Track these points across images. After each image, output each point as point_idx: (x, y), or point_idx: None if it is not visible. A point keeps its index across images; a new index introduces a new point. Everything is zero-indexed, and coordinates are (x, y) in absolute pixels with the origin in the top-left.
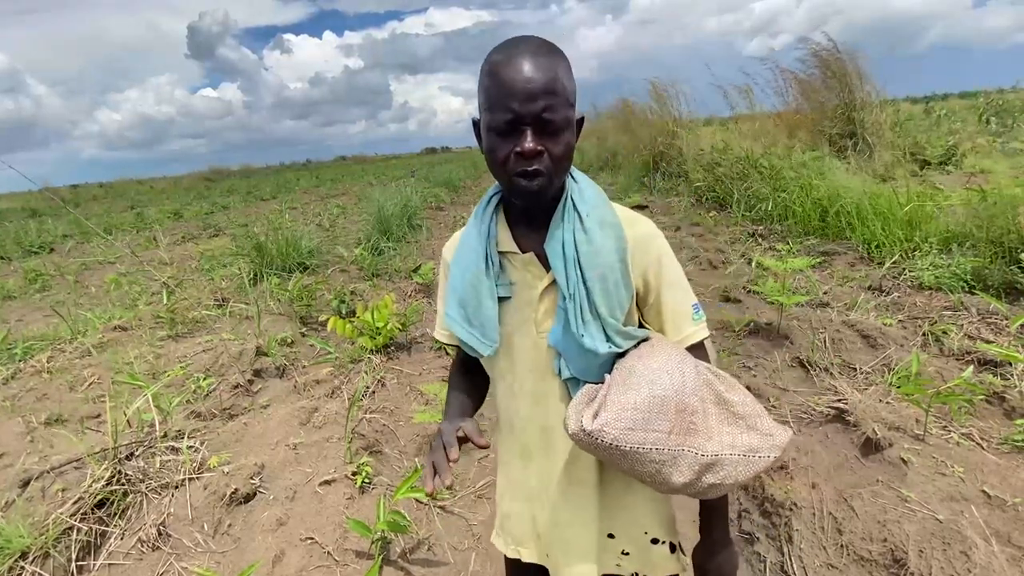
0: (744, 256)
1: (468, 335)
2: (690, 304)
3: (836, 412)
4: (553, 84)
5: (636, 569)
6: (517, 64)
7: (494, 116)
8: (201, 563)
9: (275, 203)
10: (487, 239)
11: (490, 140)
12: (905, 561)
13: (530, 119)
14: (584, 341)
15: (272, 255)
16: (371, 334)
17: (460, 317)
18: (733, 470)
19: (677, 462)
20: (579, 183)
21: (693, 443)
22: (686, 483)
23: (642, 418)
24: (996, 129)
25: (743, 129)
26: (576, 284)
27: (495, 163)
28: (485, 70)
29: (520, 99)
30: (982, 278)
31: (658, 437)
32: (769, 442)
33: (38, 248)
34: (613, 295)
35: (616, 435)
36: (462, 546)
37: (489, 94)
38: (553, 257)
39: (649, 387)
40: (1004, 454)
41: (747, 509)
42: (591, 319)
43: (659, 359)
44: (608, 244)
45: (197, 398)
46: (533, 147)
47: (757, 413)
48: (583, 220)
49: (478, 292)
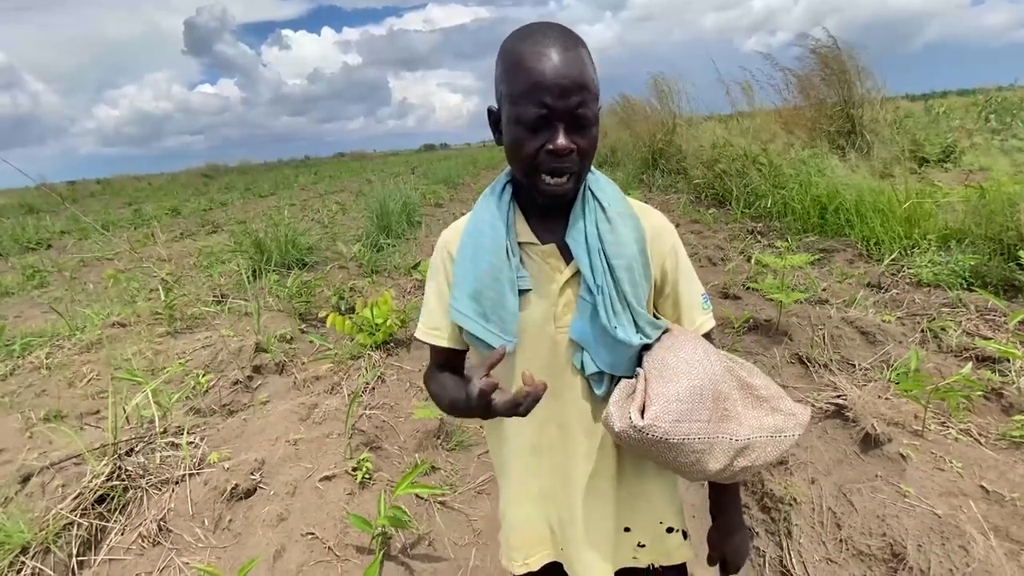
0: (743, 253)
1: (483, 331)
2: (700, 294)
3: (835, 408)
4: (585, 78)
5: (652, 560)
6: (549, 55)
7: (523, 109)
8: (202, 558)
9: (274, 200)
10: (507, 229)
11: (516, 133)
12: (904, 556)
13: (564, 115)
14: (618, 333)
15: (271, 252)
16: (370, 330)
17: (473, 312)
18: (763, 452)
19: (713, 450)
20: (594, 174)
21: (727, 429)
22: (720, 469)
23: (687, 409)
24: (995, 126)
25: (743, 126)
26: (603, 275)
27: (520, 160)
28: (510, 59)
29: (555, 94)
30: (981, 275)
31: (700, 427)
32: (793, 421)
33: (36, 244)
34: (640, 286)
35: (667, 428)
36: (463, 541)
37: (516, 85)
38: (576, 248)
39: (687, 378)
40: (1002, 450)
41: (746, 504)
42: (622, 310)
43: (687, 349)
44: (629, 234)
45: (196, 394)
46: (566, 144)
47: (779, 395)
48: (605, 210)
49: (499, 285)
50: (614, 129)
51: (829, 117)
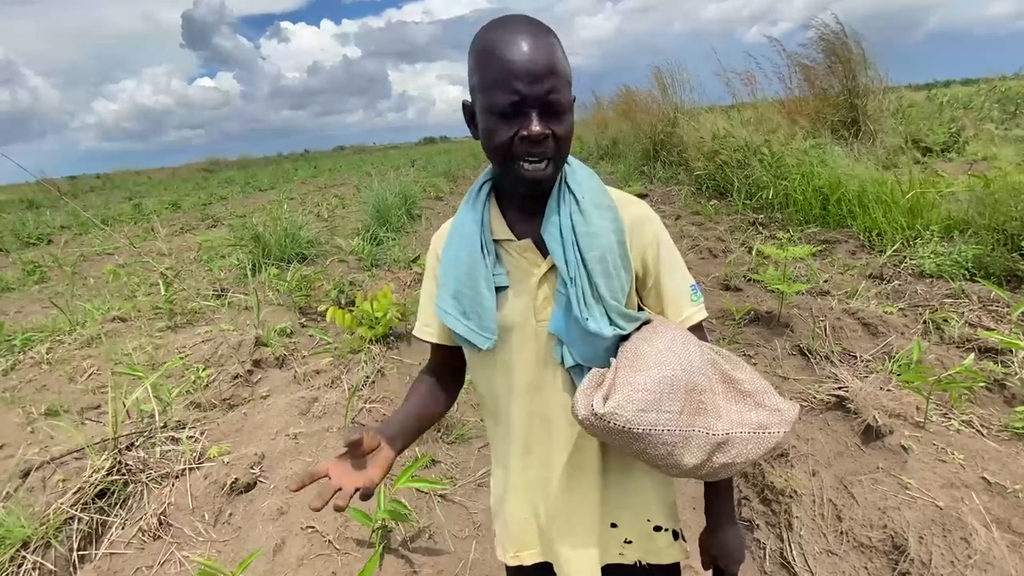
0: (744, 244)
1: (464, 328)
2: (688, 285)
3: (836, 400)
4: (555, 65)
5: (639, 557)
6: (518, 43)
7: (494, 97)
8: (202, 552)
9: (273, 193)
10: (481, 227)
11: (489, 122)
12: (905, 548)
13: (536, 101)
14: (588, 325)
15: (271, 246)
16: (370, 324)
17: (454, 310)
18: (744, 448)
19: (688, 443)
20: (571, 165)
21: (703, 423)
22: (697, 464)
23: (653, 398)
24: (999, 116)
25: (744, 117)
26: (576, 267)
27: (495, 148)
28: (479, 49)
29: (525, 80)
30: (984, 266)
31: (669, 418)
32: (778, 417)
33: (36, 240)
34: (614, 277)
35: (628, 417)
36: (463, 534)
37: (487, 75)
38: (551, 241)
39: (658, 368)
40: (1004, 441)
41: (747, 496)
42: (593, 302)
43: (664, 340)
44: (605, 225)
45: (197, 389)
46: (541, 130)
47: (764, 390)
48: (579, 202)
49: (474, 282)
50: (615, 121)
51: (833, 107)
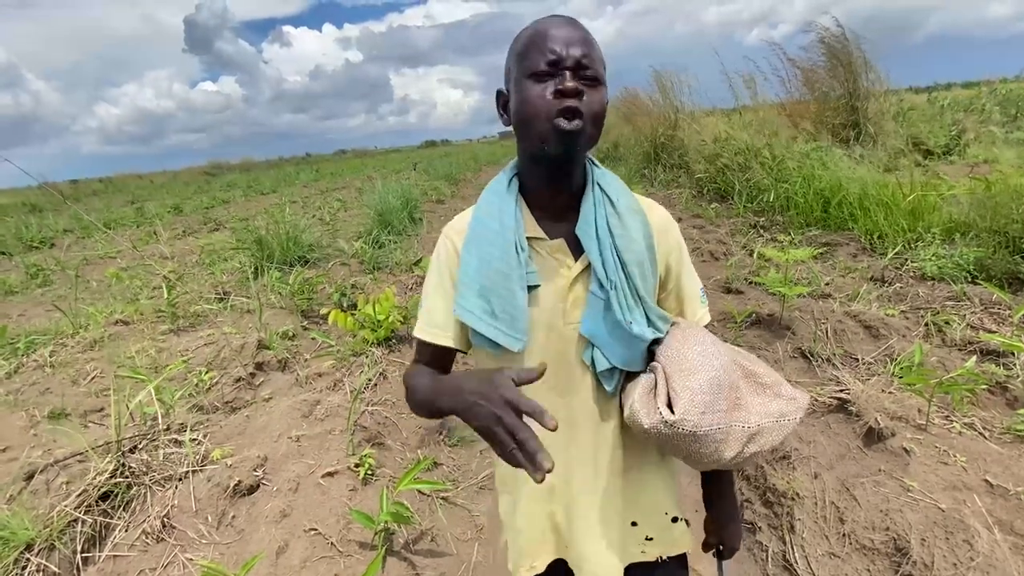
0: (746, 247)
1: (492, 330)
2: (698, 288)
3: (838, 402)
4: (591, 41)
5: (660, 552)
6: (555, 21)
7: (531, 60)
8: (205, 554)
9: (275, 197)
10: (515, 224)
11: (525, 87)
12: (908, 550)
13: (570, 62)
14: (633, 328)
15: (273, 249)
16: (372, 327)
17: (481, 310)
18: (770, 436)
19: (729, 438)
20: (600, 168)
21: (741, 417)
22: (734, 456)
23: (710, 400)
24: (1000, 119)
25: (745, 120)
26: (616, 270)
27: (530, 109)
28: (518, 37)
29: (560, 43)
30: (985, 268)
31: (721, 417)
32: (794, 405)
33: (39, 243)
34: (649, 280)
35: (696, 421)
36: (465, 537)
37: (525, 47)
38: (588, 242)
39: (704, 370)
40: (1006, 443)
41: (749, 499)
42: (635, 305)
43: (700, 342)
44: (638, 229)
45: (199, 391)
46: (575, 85)
47: (779, 381)
48: (614, 204)
49: (508, 282)
50: (616, 123)
51: (834, 110)
